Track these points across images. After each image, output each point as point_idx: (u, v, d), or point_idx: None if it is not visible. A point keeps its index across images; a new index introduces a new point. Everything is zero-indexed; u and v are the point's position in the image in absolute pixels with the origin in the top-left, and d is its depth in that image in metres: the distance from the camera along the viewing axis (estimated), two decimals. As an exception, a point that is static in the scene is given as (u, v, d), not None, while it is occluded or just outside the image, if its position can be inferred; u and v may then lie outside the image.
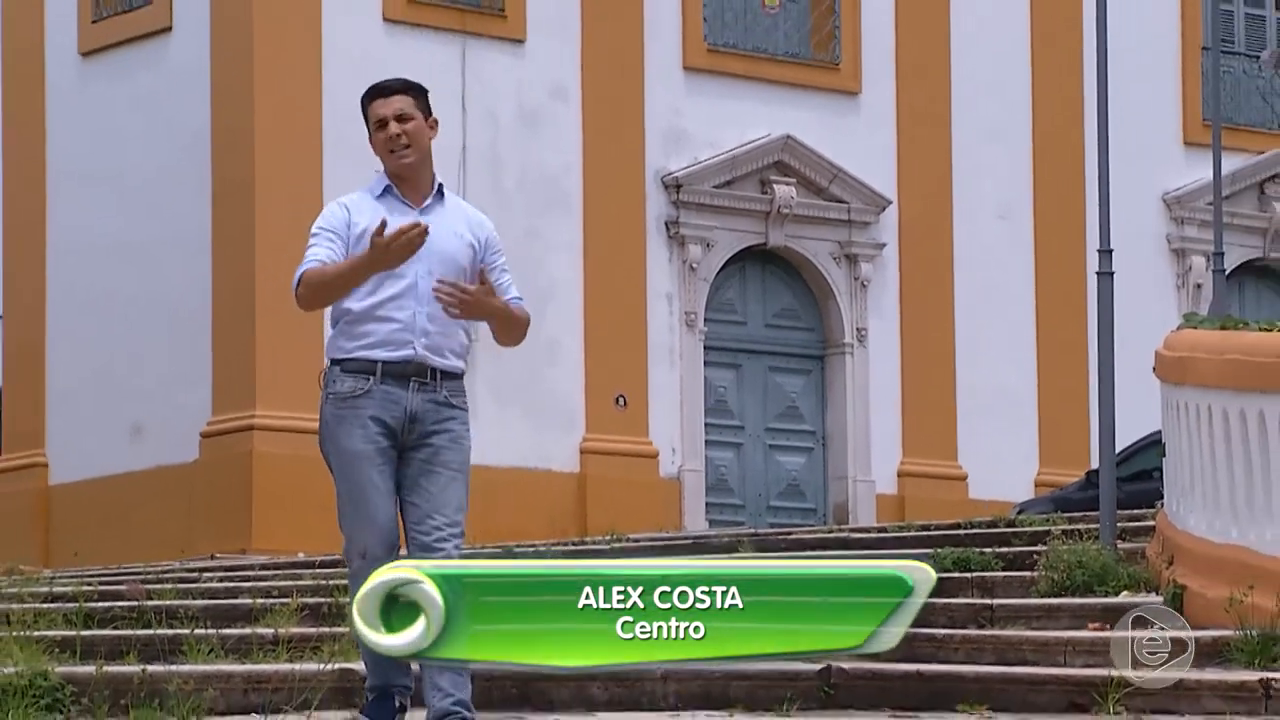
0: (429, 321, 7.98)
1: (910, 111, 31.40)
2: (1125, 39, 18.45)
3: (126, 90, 29.02)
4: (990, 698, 9.65)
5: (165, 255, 28.06)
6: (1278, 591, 11.95)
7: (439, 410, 8.01)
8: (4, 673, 8.36)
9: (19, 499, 29.81)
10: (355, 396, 7.98)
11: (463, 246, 8.11)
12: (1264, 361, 13.47)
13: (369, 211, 8.09)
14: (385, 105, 8.14)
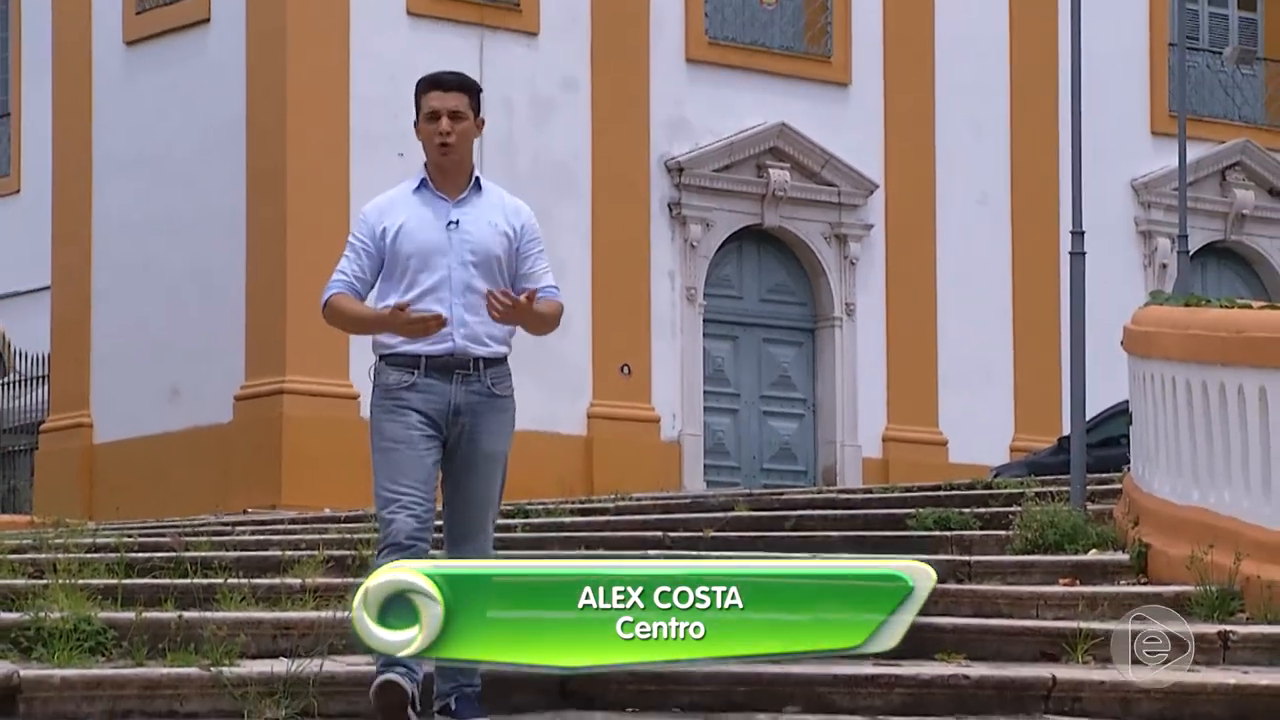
0: (466, 311, 7.77)
1: (896, 102, 31.39)
2: (1097, 36, 18.42)
3: (167, 78, 28.99)
4: (967, 647, 9.64)
5: (202, 231, 28.06)
6: (1235, 550, 11.95)
7: (482, 401, 7.80)
8: (51, 617, 8.35)
9: (65, 457, 29.83)
10: (401, 389, 7.76)
11: (496, 236, 7.87)
12: (1224, 336, 13.45)
13: (404, 206, 7.91)
14: (441, 99, 7.87)
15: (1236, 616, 11.21)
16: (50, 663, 7.95)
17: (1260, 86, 34.74)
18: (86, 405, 29.95)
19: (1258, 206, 34.03)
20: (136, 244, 28.99)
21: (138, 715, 7.49)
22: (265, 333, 27.57)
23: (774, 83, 30.64)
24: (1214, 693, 8.90)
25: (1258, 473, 12.49)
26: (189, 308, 28.21)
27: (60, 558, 10.66)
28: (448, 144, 7.84)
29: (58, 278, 30.64)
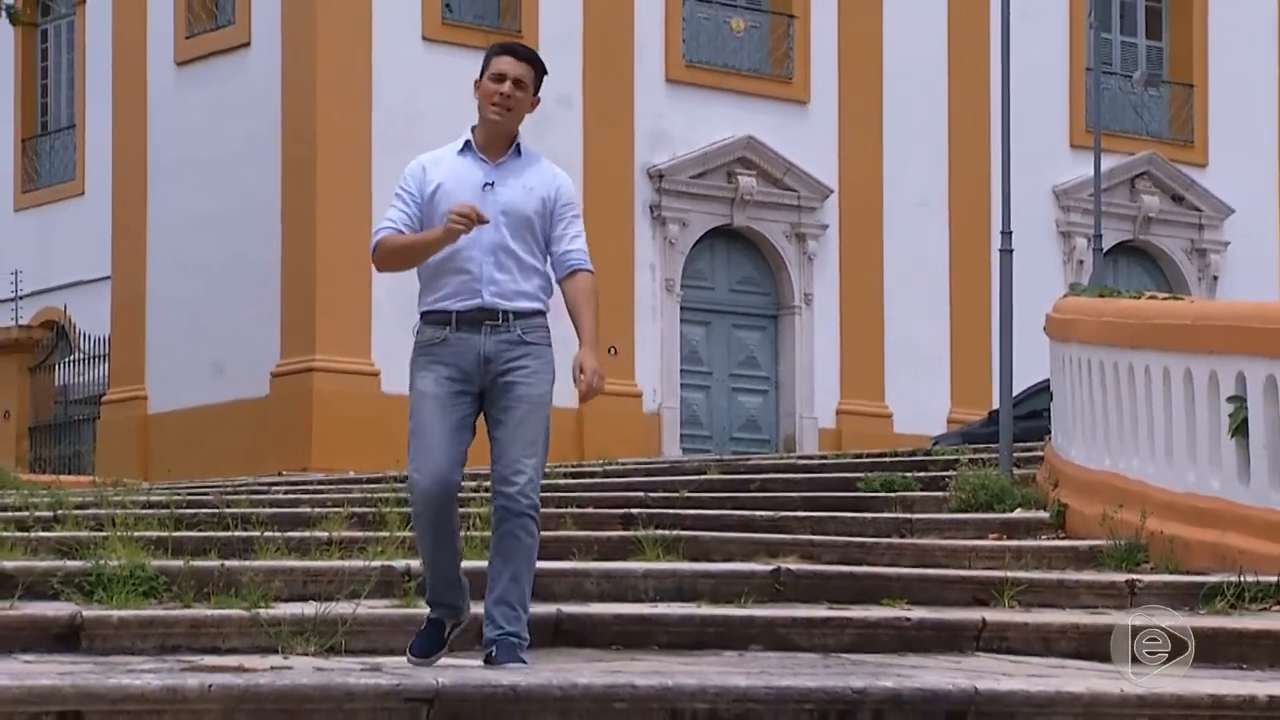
0: (496, 269, 7.27)
1: (849, 118, 31.42)
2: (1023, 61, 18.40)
3: (212, 93, 28.98)
4: (909, 593, 9.66)
5: (242, 227, 28.06)
6: (1141, 509, 11.98)
7: (512, 349, 7.23)
8: (110, 565, 8.36)
9: (123, 425, 29.85)
10: (433, 345, 7.24)
11: (531, 199, 7.34)
12: (1133, 324, 13.50)
13: (445, 166, 7.41)
14: (511, 65, 7.36)
15: (1142, 567, 11.25)
16: (109, 604, 7.97)
17: (1165, 106, 34.78)
18: (142, 380, 29.95)
19: (1162, 211, 34.09)
20: (185, 238, 29.00)
21: (185, 650, 7.49)
22: (298, 316, 27.59)
23: (742, 100, 30.65)
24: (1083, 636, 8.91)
25: (1161, 442, 12.52)
26: (231, 294, 28.21)
27: (118, 513, 10.65)
28: (507, 107, 7.31)
29: (116, 268, 30.63)
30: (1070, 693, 7.12)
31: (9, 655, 7.30)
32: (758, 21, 31.33)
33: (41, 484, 17.14)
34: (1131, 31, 34.70)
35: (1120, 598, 10.23)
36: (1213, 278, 34.32)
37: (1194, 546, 11.46)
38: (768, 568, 9.78)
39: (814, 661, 7.99)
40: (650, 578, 9.33)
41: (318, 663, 7.14)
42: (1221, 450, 11.85)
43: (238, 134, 28.35)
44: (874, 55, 31.65)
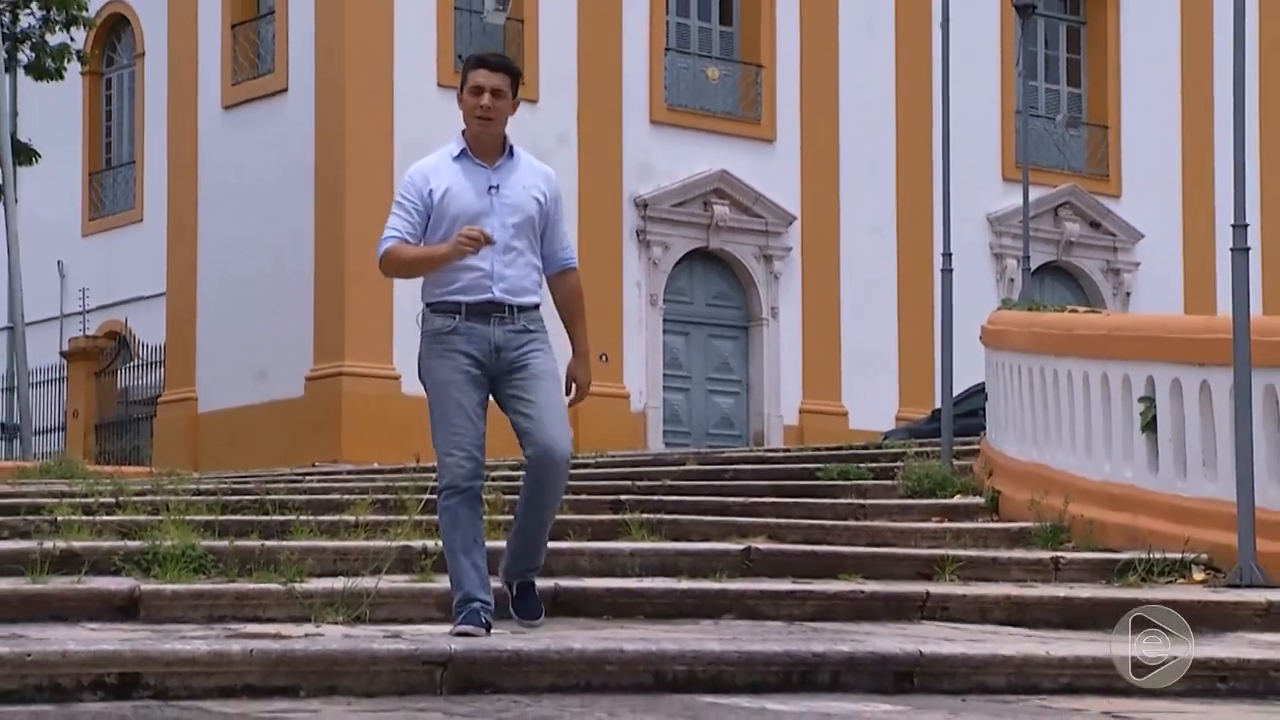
0: (505, 267, 6.95)
1: (810, 154, 31.45)
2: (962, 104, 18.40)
3: (255, 132, 28.99)
4: (863, 569, 9.65)
5: (281, 248, 28.06)
6: (1064, 495, 11.98)
7: (519, 337, 6.96)
8: (164, 545, 8.34)
9: (177, 423, 29.83)
10: (444, 333, 6.93)
11: (530, 200, 7.06)
12: (1057, 334, 13.51)
13: (447, 172, 7.07)
14: (486, 77, 7.04)
15: (1065, 546, 11.24)
16: (163, 579, 7.95)
17: (1084, 144, 34.83)
18: (193, 383, 29.93)
19: (1082, 235, 34.15)
20: (230, 259, 28.99)
21: (230, 619, 7.48)
22: (329, 327, 27.60)
23: (717, 139, 30.68)
24: (1048, 603, 8.94)
25: (1081, 437, 12.53)
26: (270, 308, 28.21)
27: (172, 500, 10.64)
28: (488, 118, 7.03)
29: (171, 285, 30.62)
30: (1003, 655, 7.13)
31: (77, 624, 7.29)
32: (730, 71, 31.35)
33: (105, 474, 17.10)
34: (1055, 79, 34.77)
35: (1046, 573, 10.23)
36: (1126, 294, 34.36)
37: (1110, 528, 11.47)
38: (739, 547, 9.77)
39: (779, 629, 7.99)
40: (636, 556, 9.32)
41: (346, 630, 7.13)
42: (1133, 444, 11.87)
43: (276, 168, 28.36)
44: (831, 100, 31.69)
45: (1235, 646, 7.91)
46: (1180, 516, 11.15)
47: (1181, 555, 10.58)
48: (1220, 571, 10.30)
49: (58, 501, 11.28)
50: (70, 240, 34.02)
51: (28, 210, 28.19)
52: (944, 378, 15.50)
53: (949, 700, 6.62)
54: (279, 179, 28.28)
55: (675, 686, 6.55)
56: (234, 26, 29.77)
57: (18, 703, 5.81)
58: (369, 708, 5.94)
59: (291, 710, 5.84)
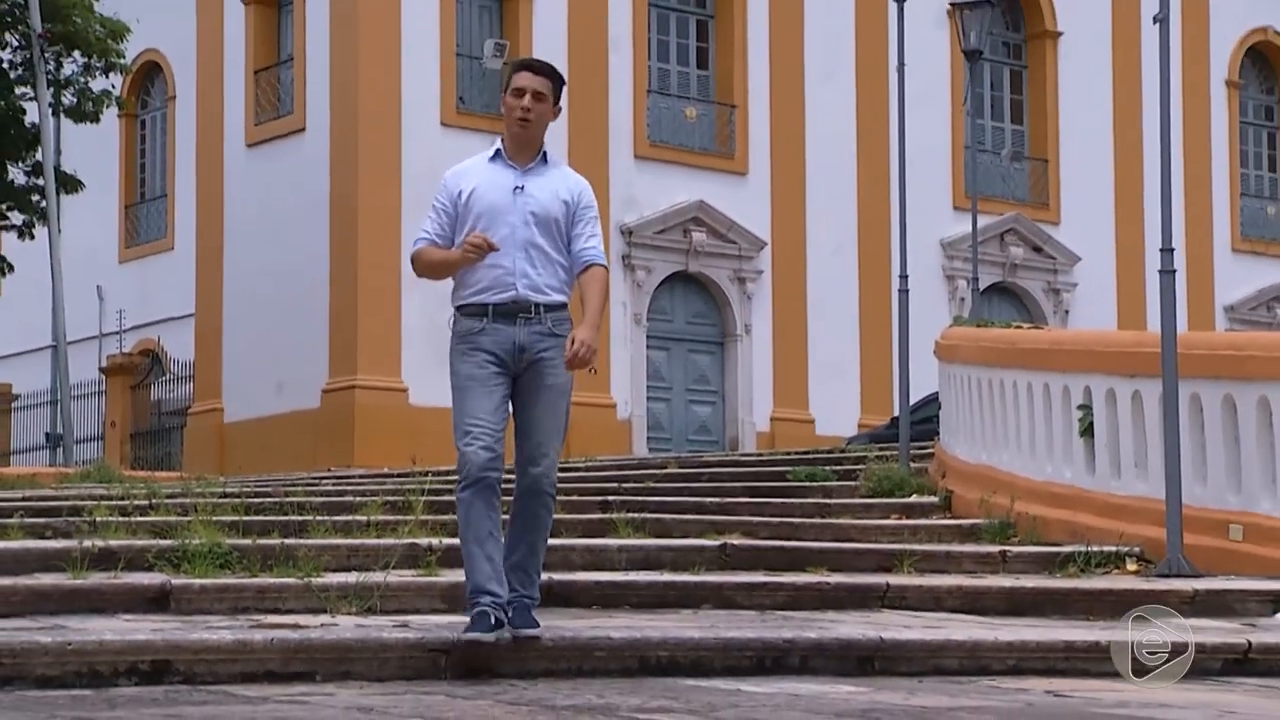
0: (529, 264, 6.55)
1: (779, 186, 31.46)
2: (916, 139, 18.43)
3: (275, 167, 28.96)
4: (828, 562, 9.66)
5: (299, 274, 28.00)
6: (1011, 494, 12.00)
7: (543, 340, 6.53)
8: (193, 543, 8.32)
9: (205, 431, 29.76)
10: (472, 334, 6.53)
11: (556, 203, 6.63)
12: (1003, 348, 13.54)
13: (479, 172, 6.65)
14: (530, 80, 6.62)
15: (1011, 540, 11.27)
16: (192, 574, 7.93)
17: (1026, 176, 34.87)
18: (219, 395, 29.87)
19: (1025, 259, 34.16)
20: (254, 283, 28.94)
21: (253, 611, 7.46)
22: (343, 345, 27.54)
23: (694, 172, 30.67)
24: (996, 592, 8.95)
25: (1026, 441, 12.55)
26: (289, 327, 28.16)
27: (200, 502, 10.60)
28: (527, 119, 6.60)
29: (199, 306, 30.56)
30: (956, 640, 7.13)
31: (113, 615, 7.26)
32: (706, 110, 31.36)
33: (139, 479, 17.06)
34: (999, 118, 34.83)
35: (995, 565, 10.26)
36: (1065, 312, 34.40)
37: (1052, 524, 11.48)
38: (716, 543, 9.77)
39: (753, 617, 7.98)
40: (623, 551, 9.32)
41: (358, 620, 7.11)
42: (1072, 448, 11.88)
43: (295, 200, 28.33)
44: (798, 136, 31.71)
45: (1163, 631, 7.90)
46: (1115, 513, 11.17)
47: (1116, 548, 10.60)
48: (1151, 563, 10.32)
49: (96, 504, 11.26)
50: (108, 266, 33.97)
51: (70, 239, 28.09)
52: (901, 387, 15.51)
53: (907, 682, 6.61)
54: (297, 210, 28.24)
55: (659, 670, 6.54)
56: (256, 72, 29.75)
57: (59, 688, 5.79)
58: (379, 691, 5.93)
59: (309, 694, 5.81)
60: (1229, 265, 36.45)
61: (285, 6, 29.62)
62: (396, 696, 5.78)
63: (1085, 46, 34.84)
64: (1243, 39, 36.94)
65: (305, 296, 27.91)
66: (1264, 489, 10.23)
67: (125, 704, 5.44)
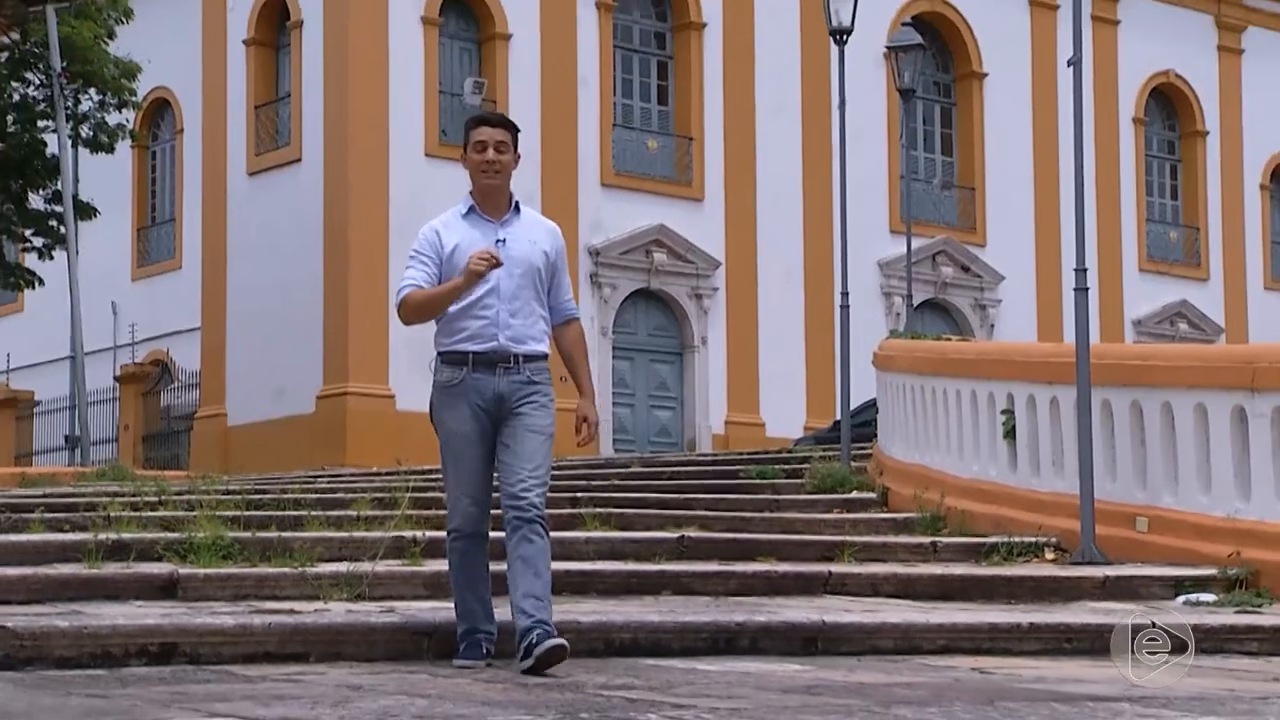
0: (511, 316, 6.12)
1: (733, 211, 31.49)
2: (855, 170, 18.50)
3: (274, 195, 28.87)
4: (776, 552, 9.67)
5: (295, 291, 27.92)
6: (941, 490, 12.02)
7: (523, 388, 6.14)
8: (198, 536, 8.27)
9: (210, 435, 29.62)
10: (452, 385, 6.12)
11: (537, 252, 6.20)
12: (934, 358, 13.58)
13: (457, 229, 6.21)
14: (489, 133, 6.20)
15: (942, 532, 11.30)
16: (198, 564, 7.89)
17: (955, 203, 34.99)
18: (223, 401, 29.73)
19: (954, 278, 34.28)
20: (254, 299, 28.83)
21: (253, 598, 7.42)
22: (335, 356, 27.46)
23: (655, 199, 30.68)
24: (928, 579, 8.96)
25: (955, 443, 12.58)
26: (287, 340, 28.06)
27: (205, 498, 10.57)
28: (494, 170, 6.17)
29: (205, 320, 30.42)
30: (891, 623, 7.14)
31: (125, 601, 7.22)
32: (666, 142, 31.38)
33: (150, 477, 16.98)
34: (931, 150, 34.93)
35: (926, 554, 10.27)
36: (990, 325, 34.51)
37: (978, 517, 11.51)
38: (675, 535, 9.77)
39: (708, 603, 7.97)
40: (590, 543, 9.31)
41: (349, 606, 7.08)
42: (996, 448, 11.92)
43: (292, 224, 28.24)
44: (750, 166, 31.76)
45: (1078, 613, 7.94)
46: (1034, 507, 11.21)
47: (1035, 539, 10.64)
48: (1066, 552, 10.36)
49: (110, 500, 11.20)
50: (122, 284, 33.81)
51: (86, 260, 27.95)
52: (843, 394, 15.54)
53: (847, 661, 6.62)
54: (294, 233, 28.17)
55: (622, 651, 6.53)
56: (257, 107, 29.66)
57: (76, 668, 5.76)
58: (367, 671, 5.91)
59: (303, 673, 5.79)
60: (1136, 284, 36.63)
61: (283, 47, 29.54)
62: (383, 675, 5.76)
63: (1008, 86, 34.99)
64: (1147, 81, 37.14)
65: (301, 311, 27.82)
66: (1166, 485, 10.28)
67: (136, 683, 5.41)
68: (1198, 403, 10.04)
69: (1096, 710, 5.01)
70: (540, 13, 29.48)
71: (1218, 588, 9.20)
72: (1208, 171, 37.98)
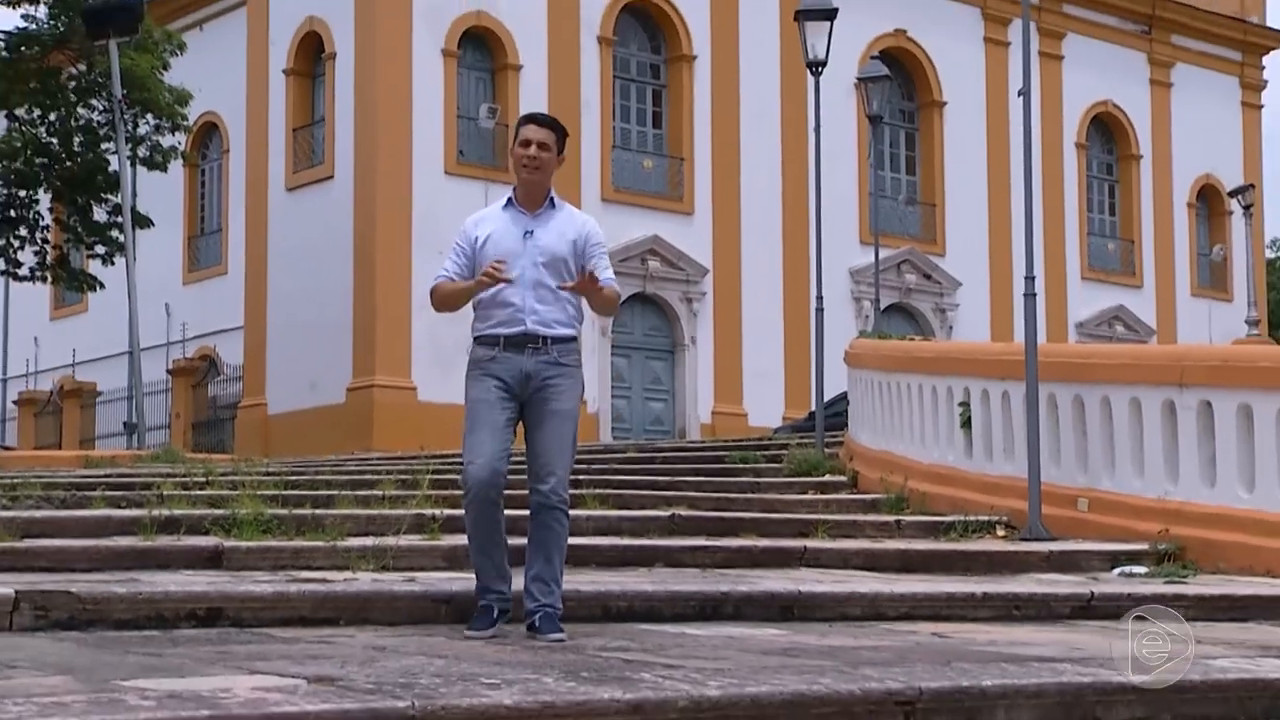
0: (538, 302, 5.90)
1: (720, 224, 31.50)
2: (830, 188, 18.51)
3: (309, 208, 28.84)
4: (757, 529, 9.67)
5: (328, 294, 27.91)
6: (905, 475, 12.03)
7: (549, 368, 5.89)
8: (241, 513, 8.27)
9: (251, 422, 29.60)
10: (484, 361, 5.91)
11: (564, 243, 5.97)
12: (899, 356, 13.58)
13: (494, 219, 6.02)
14: (535, 131, 5.98)
15: (905, 511, 11.31)
16: (240, 538, 7.87)
17: (918, 217, 34.98)
18: (263, 393, 29.70)
19: (917, 284, 34.30)
20: (291, 301, 28.83)
21: (289, 568, 7.40)
22: (364, 352, 27.44)
23: (650, 213, 30.68)
24: (892, 554, 8.95)
25: (917, 432, 12.59)
26: (320, 338, 28.04)
27: (247, 479, 10.56)
28: (535, 167, 5.97)
29: (248, 321, 30.40)
30: (859, 592, 7.13)
31: (176, 571, 7.19)
32: (660, 162, 31.36)
33: (198, 460, 16.99)
34: (897, 170, 34.93)
35: (891, 532, 10.27)
36: (949, 327, 34.52)
37: (937, 498, 11.52)
38: (666, 513, 9.76)
39: (696, 574, 7.96)
40: (590, 520, 9.30)
41: (375, 576, 7.07)
42: (954, 437, 11.92)
43: (325, 234, 28.21)
44: (735, 184, 31.75)
45: (1026, 584, 7.95)
46: (987, 489, 11.21)
47: (988, 518, 10.64)
48: (1016, 529, 10.37)
49: (163, 480, 11.19)
50: (174, 288, 33.78)
51: (143, 266, 27.93)
52: (817, 387, 15.55)
53: (819, 626, 6.61)
54: (327, 242, 28.14)
55: (618, 617, 6.52)
56: (295, 130, 29.63)
57: (133, 629, 5.75)
58: (391, 634, 5.90)
59: (334, 635, 5.78)
60: (1079, 290, 36.69)
61: (318, 77, 29.51)
62: (405, 638, 5.76)
63: (964, 114, 35.01)
64: (1088, 110, 37.20)
65: (333, 312, 27.81)
66: (1105, 470, 10.29)
67: (185, 643, 5.41)
68: (1133, 397, 10.05)
69: (1041, 670, 5.01)
70: (548, 46, 29.48)
71: (1149, 561, 9.21)
72: (1141, 191, 38.07)
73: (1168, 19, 37.98)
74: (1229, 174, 38.62)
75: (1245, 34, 39.27)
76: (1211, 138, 38.53)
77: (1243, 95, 39.63)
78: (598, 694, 4.13)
